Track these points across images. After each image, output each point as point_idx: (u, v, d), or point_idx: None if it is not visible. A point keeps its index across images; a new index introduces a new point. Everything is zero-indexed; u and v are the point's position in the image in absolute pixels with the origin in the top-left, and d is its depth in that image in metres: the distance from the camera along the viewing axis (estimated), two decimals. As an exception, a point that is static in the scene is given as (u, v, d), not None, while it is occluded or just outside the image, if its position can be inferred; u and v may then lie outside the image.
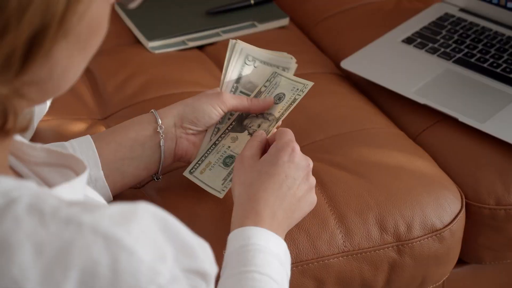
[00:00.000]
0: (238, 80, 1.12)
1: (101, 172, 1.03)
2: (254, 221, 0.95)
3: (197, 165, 1.10)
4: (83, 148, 1.03)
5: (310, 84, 1.11)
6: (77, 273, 0.63)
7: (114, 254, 0.64)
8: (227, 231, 1.08)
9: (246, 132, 1.11)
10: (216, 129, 1.11)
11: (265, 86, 1.12)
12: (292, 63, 1.14)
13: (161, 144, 1.06)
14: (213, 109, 1.07)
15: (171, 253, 0.67)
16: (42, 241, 0.63)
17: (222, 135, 1.11)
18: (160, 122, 1.06)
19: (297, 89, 1.11)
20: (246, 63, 1.11)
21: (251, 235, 0.93)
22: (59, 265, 0.63)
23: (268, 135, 1.07)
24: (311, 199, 1.03)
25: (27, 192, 0.65)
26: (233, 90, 1.12)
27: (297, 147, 1.01)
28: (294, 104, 1.10)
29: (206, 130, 1.10)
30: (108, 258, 0.64)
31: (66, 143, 1.04)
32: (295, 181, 0.99)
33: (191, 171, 1.10)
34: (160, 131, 1.06)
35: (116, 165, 1.05)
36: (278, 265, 0.93)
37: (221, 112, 1.07)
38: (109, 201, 1.06)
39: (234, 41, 1.13)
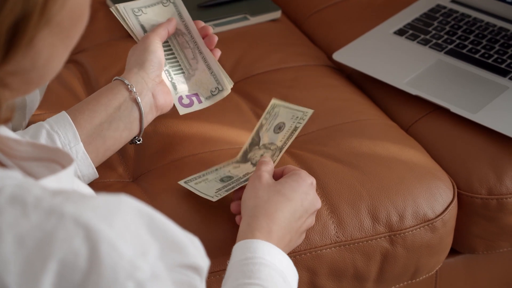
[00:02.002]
0: (144, 30, 1.18)
1: (81, 144, 1.05)
2: (265, 237, 0.96)
3: (194, 178, 1.11)
4: (60, 124, 1.05)
5: (310, 112, 1.12)
6: (56, 264, 0.63)
7: (94, 246, 0.63)
8: (221, 223, 1.08)
9: (249, 162, 1.12)
10: (166, 72, 1.16)
11: (266, 118, 1.15)
12: None
13: (139, 101, 1.09)
14: (154, 44, 1.12)
15: (156, 250, 0.67)
16: (23, 232, 0.63)
17: (225, 164, 1.13)
18: (127, 81, 1.09)
19: (297, 117, 1.13)
20: (136, 14, 1.18)
21: (258, 248, 0.94)
22: (39, 256, 0.63)
23: (274, 164, 1.08)
24: (303, 236, 1.05)
25: (11, 182, 0.65)
26: None
27: (315, 182, 1.04)
28: (296, 133, 1.11)
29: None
30: (88, 250, 0.63)
31: (43, 122, 1.05)
32: (306, 214, 1.02)
33: (186, 181, 1.10)
34: (132, 90, 1.09)
35: (95, 131, 1.07)
36: (282, 282, 0.93)
37: (160, 43, 1.13)
38: (92, 172, 1.08)
39: (113, 6, 1.18)
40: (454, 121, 1.29)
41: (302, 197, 1.01)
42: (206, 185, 1.09)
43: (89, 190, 0.86)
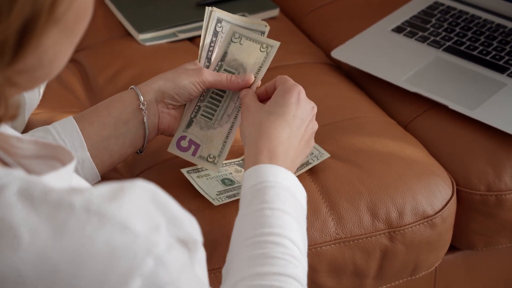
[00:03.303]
0: (223, 58, 1.11)
1: (87, 153, 1.04)
2: (268, 157, 0.96)
3: (197, 170, 1.10)
4: (67, 130, 1.04)
5: (326, 155, 1.14)
6: (72, 254, 0.64)
7: (108, 232, 0.65)
8: (219, 224, 1.08)
9: None
10: (196, 107, 1.11)
11: None
12: (266, 29, 1.12)
13: (145, 121, 1.07)
14: (193, 86, 1.07)
15: (164, 222, 0.69)
16: (35, 225, 0.64)
17: (228, 163, 1.12)
18: (142, 99, 1.07)
19: (312, 153, 1.14)
20: (234, 40, 1.11)
21: (260, 173, 0.94)
22: (55, 248, 0.64)
23: None
24: (311, 143, 1.05)
25: (16, 178, 0.66)
26: (217, 68, 1.11)
27: (303, 90, 1.03)
28: (307, 168, 1.12)
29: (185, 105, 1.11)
30: (103, 236, 0.65)
31: (50, 126, 1.04)
32: (303, 122, 1.01)
33: (189, 171, 1.10)
34: (143, 108, 1.07)
35: (102, 144, 1.06)
36: (290, 198, 0.93)
37: (200, 89, 1.08)
38: (97, 181, 1.07)
39: (210, 8, 1.11)
40: (452, 117, 1.29)
41: (292, 108, 1.00)
42: (208, 182, 1.09)
43: (88, 185, 0.87)
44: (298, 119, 1.01)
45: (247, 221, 0.91)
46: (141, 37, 1.46)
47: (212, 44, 1.11)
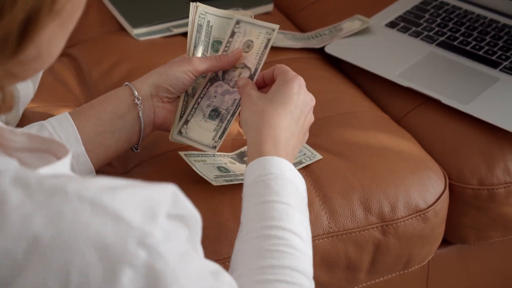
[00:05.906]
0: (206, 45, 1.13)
1: (82, 148, 1.04)
2: (272, 145, 0.97)
3: (194, 155, 1.11)
4: (62, 125, 1.04)
5: (318, 157, 1.15)
6: (63, 241, 0.64)
7: (100, 221, 0.65)
8: (216, 217, 1.08)
9: (245, 165, 1.12)
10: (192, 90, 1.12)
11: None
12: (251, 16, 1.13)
13: (140, 115, 1.08)
14: (186, 76, 1.08)
15: (166, 208, 0.68)
16: (29, 212, 0.64)
17: (221, 155, 1.13)
18: (136, 93, 1.08)
19: (305, 155, 1.15)
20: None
21: (267, 164, 0.95)
22: (47, 234, 0.64)
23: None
24: (307, 134, 1.06)
25: (12, 167, 0.67)
26: (205, 54, 1.13)
27: (304, 81, 1.04)
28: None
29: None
30: (95, 225, 0.65)
31: (45, 122, 1.05)
32: (303, 113, 1.03)
33: (187, 154, 1.11)
34: (138, 103, 1.07)
35: (98, 139, 1.06)
36: (293, 189, 0.94)
37: (193, 77, 1.09)
38: (91, 175, 1.07)
39: (195, 4, 1.12)
40: (445, 112, 1.29)
41: (294, 98, 1.01)
42: (205, 167, 1.09)
43: None
44: (299, 109, 1.02)
45: (253, 213, 0.92)
46: (135, 31, 1.46)
47: (199, 36, 1.12)
